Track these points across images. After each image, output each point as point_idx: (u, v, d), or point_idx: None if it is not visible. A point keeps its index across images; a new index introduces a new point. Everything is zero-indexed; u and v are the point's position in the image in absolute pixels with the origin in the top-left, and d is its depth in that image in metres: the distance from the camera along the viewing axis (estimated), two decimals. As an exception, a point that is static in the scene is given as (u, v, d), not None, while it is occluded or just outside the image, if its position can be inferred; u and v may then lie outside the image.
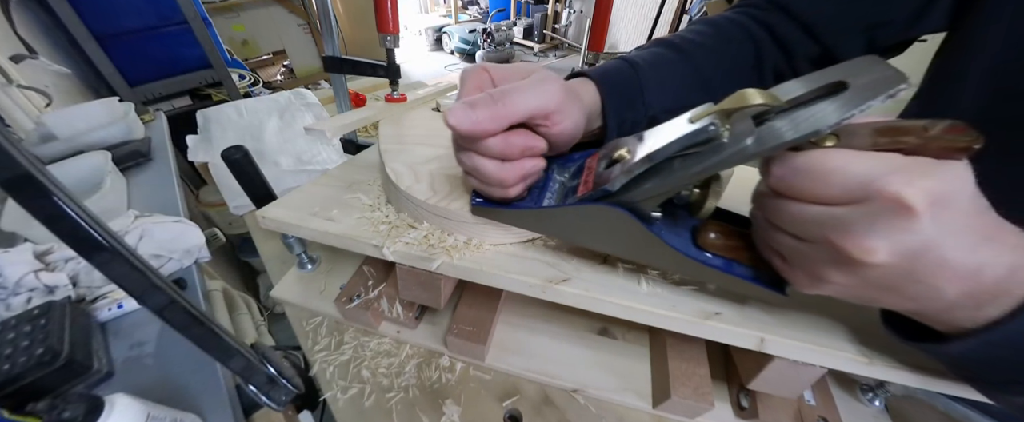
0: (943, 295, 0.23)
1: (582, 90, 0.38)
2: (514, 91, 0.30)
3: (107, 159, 0.81)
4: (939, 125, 0.21)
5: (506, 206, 0.35)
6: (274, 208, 0.45)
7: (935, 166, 0.21)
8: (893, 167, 0.22)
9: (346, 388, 0.47)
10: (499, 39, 4.24)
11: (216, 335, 0.30)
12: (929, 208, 0.21)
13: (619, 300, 0.35)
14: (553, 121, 0.31)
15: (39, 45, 1.23)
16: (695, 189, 0.31)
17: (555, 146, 0.34)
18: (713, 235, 0.33)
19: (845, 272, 0.24)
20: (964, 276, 0.22)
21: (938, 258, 0.22)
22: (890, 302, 0.26)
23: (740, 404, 0.44)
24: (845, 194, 0.23)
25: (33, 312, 0.48)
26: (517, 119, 0.30)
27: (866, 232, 0.22)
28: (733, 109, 0.25)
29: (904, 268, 0.22)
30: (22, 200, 0.19)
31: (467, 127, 0.29)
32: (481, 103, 0.29)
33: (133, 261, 0.24)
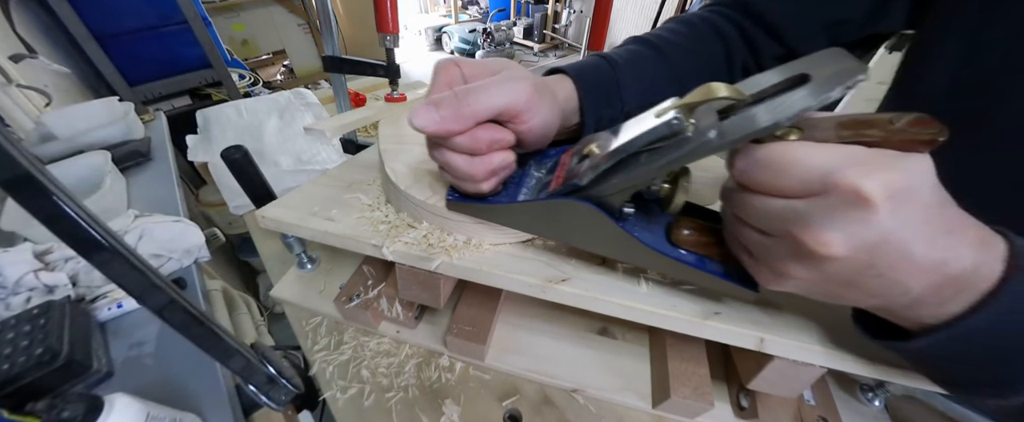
0: (907, 290, 0.23)
1: (558, 87, 0.38)
2: (479, 90, 0.29)
3: (107, 159, 0.81)
4: (905, 118, 0.21)
5: (481, 201, 0.36)
6: (274, 208, 0.45)
7: (895, 158, 0.21)
8: (852, 159, 0.21)
9: (346, 388, 0.47)
10: (499, 39, 4.24)
11: (216, 335, 0.31)
12: (887, 201, 0.20)
13: (619, 300, 0.35)
14: (522, 118, 0.31)
15: (39, 45, 1.23)
16: (665, 184, 0.31)
17: (527, 142, 0.34)
18: (686, 231, 0.33)
19: (805, 266, 0.24)
20: (927, 270, 0.22)
21: (898, 252, 0.22)
22: (854, 298, 0.25)
23: (740, 404, 0.44)
24: (804, 186, 0.23)
25: (33, 312, 0.48)
26: (482, 118, 0.30)
27: (824, 224, 0.22)
28: (698, 102, 0.25)
29: (864, 262, 0.22)
30: (22, 200, 0.19)
31: (432, 128, 0.29)
32: (446, 102, 0.29)
33: (133, 261, 0.24)
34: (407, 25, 4.87)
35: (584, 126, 0.40)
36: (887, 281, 0.23)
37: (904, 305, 0.24)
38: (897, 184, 0.20)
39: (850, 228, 0.21)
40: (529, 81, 0.31)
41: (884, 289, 0.23)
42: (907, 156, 0.21)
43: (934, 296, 0.23)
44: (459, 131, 0.30)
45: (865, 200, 0.20)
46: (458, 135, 0.30)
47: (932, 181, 0.22)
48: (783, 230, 0.24)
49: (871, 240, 0.21)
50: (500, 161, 0.32)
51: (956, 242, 0.22)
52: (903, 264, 0.22)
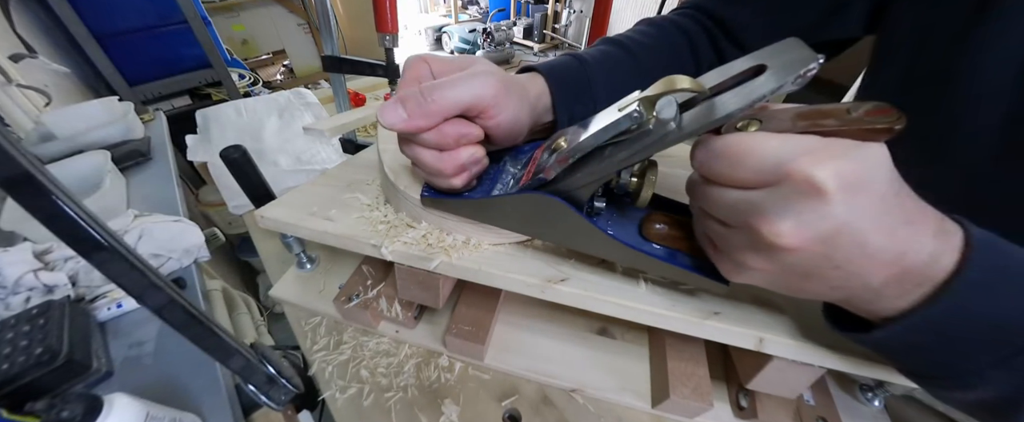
0: (867, 283, 0.23)
1: (529, 84, 0.38)
2: (444, 86, 0.30)
3: (106, 158, 0.81)
4: (862, 107, 0.21)
5: (454, 197, 0.36)
6: (273, 208, 0.45)
7: (850, 147, 0.21)
8: (806, 148, 0.21)
9: (345, 388, 0.47)
10: (499, 39, 4.24)
11: (215, 334, 0.31)
12: (840, 190, 0.20)
13: (618, 300, 0.35)
14: (490, 114, 0.32)
15: (38, 44, 1.23)
16: (633, 178, 0.31)
17: (497, 138, 0.34)
18: (658, 226, 0.33)
19: (764, 257, 0.24)
20: (887, 262, 0.22)
21: (856, 243, 0.21)
22: (815, 290, 0.25)
23: (739, 404, 0.44)
24: (759, 176, 0.22)
25: (32, 311, 0.48)
26: (448, 113, 0.30)
27: (778, 214, 0.22)
28: (661, 94, 0.25)
29: (821, 253, 0.22)
30: (21, 199, 0.19)
31: (400, 126, 0.29)
32: (411, 99, 0.29)
33: (132, 260, 0.24)
34: (407, 25, 4.87)
35: (557, 123, 0.41)
36: (846, 273, 0.23)
37: (866, 298, 0.24)
38: (850, 173, 0.20)
39: (804, 218, 0.21)
40: (496, 76, 0.32)
41: (844, 281, 0.23)
42: (862, 145, 0.21)
43: (895, 288, 0.23)
44: (426, 127, 0.30)
45: (817, 189, 0.20)
46: (426, 131, 0.30)
47: (889, 171, 0.21)
48: (741, 221, 0.24)
49: (826, 230, 0.21)
50: (469, 156, 0.32)
51: (915, 233, 0.22)
52: (861, 256, 0.22)
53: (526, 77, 0.40)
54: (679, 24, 0.48)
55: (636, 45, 0.46)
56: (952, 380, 0.24)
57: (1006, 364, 0.22)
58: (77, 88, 1.46)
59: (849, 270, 0.22)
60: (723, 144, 0.24)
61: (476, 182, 0.36)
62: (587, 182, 0.31)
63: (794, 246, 0.22)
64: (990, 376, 0.23)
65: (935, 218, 0.23)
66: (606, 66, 0.43)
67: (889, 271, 0.22)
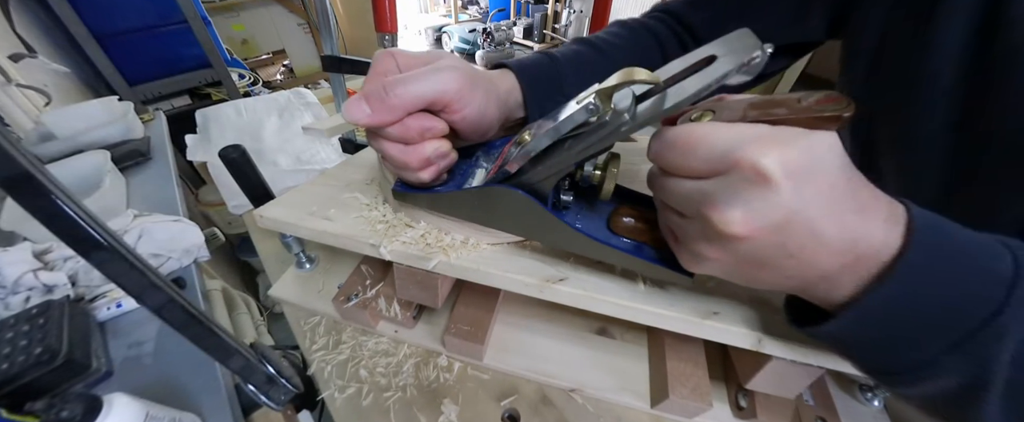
0: (823, 272, 0.23)
1: (500, 80, 0.39)
2: (407, 80, 0.30)
3: (106, 158, 0.81)
4: (813, 96, 0.21)
5: (424, 190, 0.36)
6: (272, 207, 0.45)
7: (797, 135, 0.21)
8: (754, 136, 0.21)
9: (344, 387, 0.47)
10: (499, 39, 4.24)
11: (215, 334, 0.31)
12: (788, 177, 0.20)
13: (617, 299, 0.35)
14: (453, 108, 0.32)
15: (38, 44, 1.23)
16: (596, 170, 0.32)
17: (465, 132, 0.35)
18: (625, 219, 0.33)
19: (717, 247, 0.24)
20: (840, 250, 0.22)
21: (807, 231, 0.21)
22: (771, 280, 0.25)
23: (738, 404, 0.44)
24: (710, 165, 0.23)
25: (32, 311, 0.48)
26: (411, 108, 0.31)
27: (728, 203, 0.22)
28: (618, 85, 0.26)
29: (774, 242, 0.22)
30: (21, 199, 0.19)
31: (364, 120, 0.30)
32: (374, 95, 0.30)
33: (132, 260, 0.24)
34: (407, 25, 4.87)
35: (529, 119, 0.41)
36: (801, 262, 0.22)
37: (822, 287, 0.24)
38: (797, 161, 0.20)
39: (753, 206, 0.21)
40: (460, 71, 0.32)
41: (799, 270, 0.23)
42: (811, 133, 0.21)
43: (849, 275, 0.23)
44: (389, 121, 0.30)
45: (764, 177, 0.20)
46: (389, 125, 0.31)
47: (839, 159, 0.21)
48: (695, 211, 0.24)
49: (776, 219, 0.21)
50: (433, 150, 0.33)
51: (866, 220, 0.22)
52: (815, 244, 0.22)
53: (497, 73, 0.40)
54: (649, 26, 0.50)
55: (607, 45, 0.47)
56: (910, 373, 0.24)
57: (959, 349, 0.21)
58: (77, 88, 1.46)
59: (803, 258, 0.22)
60: (675, 134, 0.24)
61: (447, 176, 0.37)
62: (548, 175, 0.31)
63: (745, 234, 0.22)
64: (945, 364, 0.22)
65: (886, 204, 0.22)
66: (577, 64, 0.44)
67: (843, 259, 0.22)
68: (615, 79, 0.26)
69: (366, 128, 0.32)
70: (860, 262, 0.22)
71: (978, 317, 0.21)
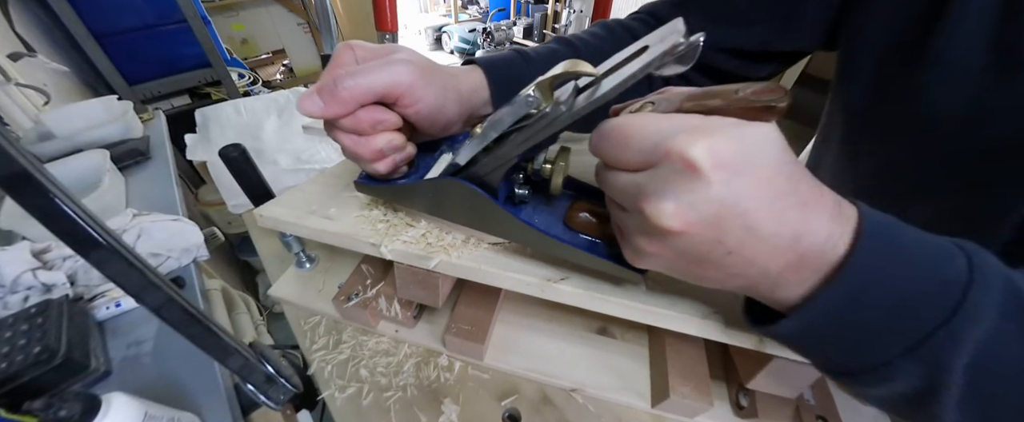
0: (765, 269, 0.22)
1: (464, 76, 0.39)
2: (358, 74, 0.30)
3: (105, 158, 0.81)
4: (751, 87, 0.21)
5: (383, 182, 0.37)
6: (272, 206, 0.45)
7: (730, 125, 0.20)
8: (684, 127, 0.21)
9: (344, 387, 0.47)
10: (499, 39, 4.24)
11: (214, 334, 0.30)
12: (717, 168, 0.19)
13: (617, 299, 0.35)
14: (406, 101, 0.32)
15: (38, 43, 1.23)
16: (546, 165, 0.32)
17: (421, 125, 0.35)
18: (581, 215, 0.33)
19: (655, 241, 0.23)
20: (781, 247, 0.21)
21: (744, 226, 0.20)
22: (716, 278, 0.24)
23: (739, 403, 0.44)
24: (643, 157, 0.22)
25: (30, 311, 0.48)
26: (361, 100, 0.31)
27: (660, 195, 0.21)
28: (558, 76, 0.26)
29: (710, 237, 0.21)
30: (20, 198, 0.19)
31: (316, 113, 0.30)
32: (325, 88, 0.30)
33: (131, 259, 0.24)
34: (407, 24, 4.87)
35: None
36: (741, 259, 0.22)
37: (768, 286, 0.23)
38: (726, 151, 0.20)
39: (684, 198, 0.20)
40: (413, 65, 0.32)
41: (742, 268, 0.22)
42: (745, 124, 0.20)
43: (794, 275, 0.22)
44: (341, 114, 0.31)
45: (692, 167, 0.19)
46: (341, 117, 0.31)
47: (777, 151, 0.20)
48: (632, 204, 0.23)
49: (708, 212, 0.20)
50: (386, 142, 0.33)
51: (809, 216, 0.21)
52: (753, 240, 0.21)
53: (463, 69, 0.40)
54: (630, 28, 0.49)
55: (584, 45, 0.46)
56: (865, 376, 0.23)
57: (913, 354, 0.21)
58: (76, 87, 1.46)
59: (743, 255, 0.21)
60: (611, 127, 0.24)
61: (408, 169, 0.37)
62: (494, 167, 0.31)
63: (678, 228, 0.21)
64: (900, 368, 0.21)
65: (832, 201, 0.22)
66: (549, 63, 0.44)
67: (785, 257, 0.21)
68: (556, 70, 0.26)
69: (321, 119, 0.32)
70: (805, 261, 0.21)
71: (931, 321, 0.20)
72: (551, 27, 4.57)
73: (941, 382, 0.21)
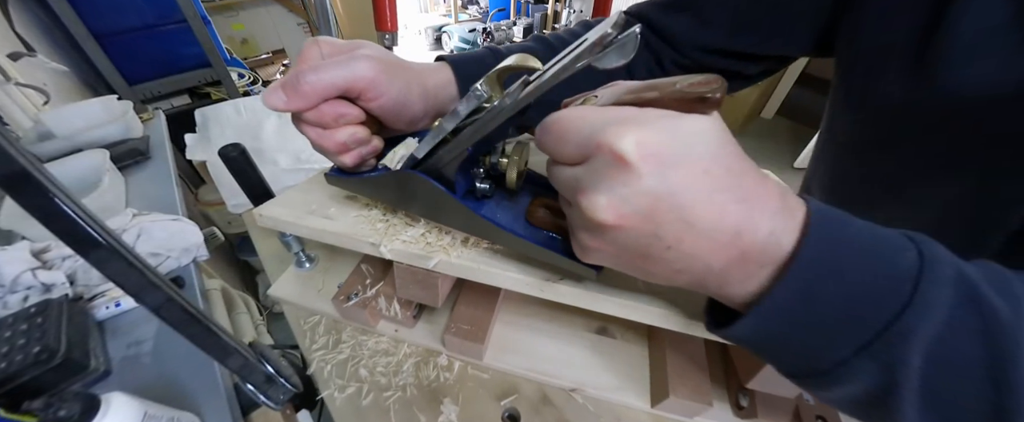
0: (707, 265, 0.21)
1: (432, 73, 0.39)
2: (318, 69, 0.31)
3: (105, 157, 0.81)
4: (689, 79, 0.21)
5: (349, 175, 0.38)
6: (271, 206, 0.45)
7: (661, 116, 0.20)
8: (616, 119, 0.20)
9: (344, 387, 0.47)
10: (499, 39, 4.23)
11: (214, 333, 0.30)
12: (647, 160, 0.19)
13: (617, 299, 0.35)
14: (368, 96, 0.33)
15: (37, 43, 1.22)
16: (503, 158, 0.33)
17: (387, 120, 0.36)
18: (541, 210, 0.33)
19: (595, 236, 0.23)
20: (722, 242, 0.20)
21: (679, 219, 0.20)
22: (663, 274, 0.24)
23: (739, 403, 0.44)
24: (579, 150, 0.22)
25: (30, 310, 0.48)
26: (323, 94, 0.32)
27: (594, 188, 0.21)
28: (506, 69, 0.26)
29: (646, 230, 0.21)
30: (19, 198, 0.19)
31: (280, 106, 0.31)
32: (289, 83, 0.31)
33: (131, 259, 0.24)
34: (407, 24, 4.87)
35: None
36: (682, 255, 0.21)
37: (715, 282, 0.23)
38: (657, 143, 0.19)
39: (616, 191, 0.20)
40: (376, 60, 0.33)
41: (685, 264, 0.22)
42: (681, 116, 0.20)
43: (739, 271, 0.21)
44: (303, 107, 0.32)
45: (622, 160, 0.19)
46: (304, 111, 0.32)
47: (715, 144, 0.20)
48: (572, 198, 0.23)
49: (641, 205, 0.20)
50: (348, 135, 0.34)
51: (750, 210, 0.20)
52: (692, 235, 0.20)
53: (432, 66, 0.41)
54: None
55: (562, 43, 0.46)
56: (821, 377, 0.22)
57: (866, 352, 0.20)
58: (76, 87, 1.46)
59: (683, 250, 0.21)
60: (551, 120, 0.24)
61: (376, 162, 0.38)
62: (449, 159, 0.32)
63: (612, 221, 0.21)
64: (854, 367, 0.21)
65: (777, 195, 0.21)
66: None
67: (728, 252, 0.21)
68: (504, 64, 0.26)
69: (284, 112, 0.33)
70: (749, 257, 0.21)
71: (882, 317, 0.20)
72: (551, 27, 4.57)
73: (896, 381, 0.20)
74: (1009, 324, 0.19)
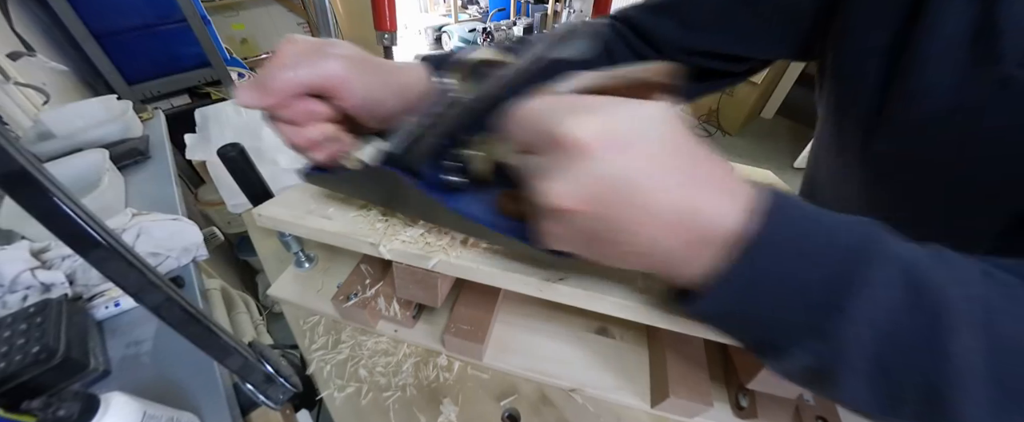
0: (661, 248, 0.22)
1: (406, 71, 0.39)
2: (287, 67, 0.32)
3: (105, 157, 0.81)
4: (640, 66, 0.21)
5: (323, 172, 0.38)
6: (271, 206, 0.45)
7: (610, 102, 0.21)
8: (567, 105, 0.21)
9: (343, 387, 0.47)
10: (499, 39, 4.24)
11: (213, 333, 0.30)
12: (596, 145, 0.20)
13: (617, 298, 0.35)
14: (338, 94, 0.33)
15: (37, 43, 1.22)
16: (474, 151, 0.33)
17: (361, 118, 0.36)
18: (510, 200, 0.33)
19: (549, 219, 0.24)
20: (673, 224, 0.21)
21: (632, 203, 0.20)
22: (622, 258, 0.24)
23: (739, 404, 0.44)
24: (534, 137, 0.23)
25: (29, 310, 0.48)
26: (291, 92, 0.32)
27: (549, 173, 0.22)
28: (470, 62, 0.27)
29: (600, 214, 0.21)
30: (19, 197, 0.19)
31: (251, 103, 0.32)
32: (259, 81, 0.32)
33: (130, 259, 0.24)
34: (407, 24, 4.87)
35: None
36: (638, 237, 0.22)
37: (673, 265, 0.23)
38: (605, 127, 0.20)
39: (570, 175, 0.21)
40: (346, 59, 0.33)
41: (643, 247, 0.22)
42: (631, 102, 0.21)
43: (693, 253, 0.22)
44: (272, 105, 0.32)
45: (572, 145, 0.20)
46: (274, 109, 0.33)
47: (664, 130, 0.21)
48: (532, 185, 0.24)
49: (592, 189, 0.20)
50: (319, 133, 0.34)
51: (701, 193, 0.21)
52: (645, 218, 0.21)
53: (410, 64, 0.41)
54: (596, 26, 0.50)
55: None
56: (776, 351, 0.23)
57: (815, 332, 0.21)
58: (75, 86, 1.46)
59: (638, 232, 0.22)
60: (513, 109, 0.24)
61: None
62: (420, 153, 0.32)
63: (565, 206, 0.21)
64: (806, 346, 0.22)
65: (727, 179, 0.22)
66: None
67: (681, 235, 0.21)
68: (473, 56, 0.27)
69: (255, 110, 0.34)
70: (701, 239, 0.21)
71: (825, 296, 0.20)
72: (551, 27, 4.57)
73: (841, 357, 0.21)
74: (952, 304, 0.20)
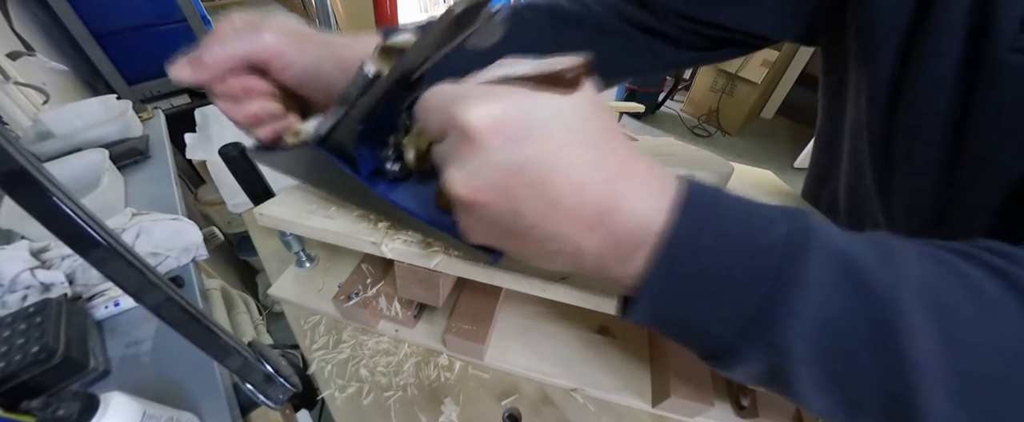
0: (580, 246, 0.21)
1: (354, 44, 0.37)
2: (222, 42, 0.31)
3: (104, 157, 0.81)
4: (556, 57, 0.21)
5: (265, 150, 0.39)
6: (272, 205, 0.45)
7: (514, 92, 0.20)
8: (469, 94, 0.20)
9: (344, 387, 0.47)
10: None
11: (213, 333, 0.30)
12: (494, 134, 0.19)
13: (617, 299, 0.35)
14: (275, 67, 0.33)
15: (37, 42, 1.22)
16: (405, 138, 0.33)
17: (302, 91, 0.36)
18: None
19: (463, 213, 0.23)
20: (586, 220, 0.20)
21: (537, 196, 0.19)
22: (539, 255, 0.23)
23: (740, 403, 0.44)
24: (439, 126, 0.22)
25: (29, 310, 0.48)
26: (225, 66, 0.32)
27: (450, 163, 0.21)
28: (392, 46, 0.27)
29: (504, 207, 0.20)
30: (18, 197, 0.19)
31: (185, 78, 0.32)
32: (193, 56, 0.32)
33: (130, 258, 0.24)
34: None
35: None
36: (548, 234, 0.21)
37: (594, 266, 0.22)
38: (505, 117, 0.19)
39: (466, 165, 0.20)
40: (282, 33, 0.33)
41: (555, 244, 0.21)
42: (533, 93, 0.20)
43: (614, 253, 0.21)
44: (206, 80, 0.32)
45: (470, 133, 0.19)
46: (209, 84, 0.32)
47: (575, 122, 0.20)
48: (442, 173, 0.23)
49: (491, 179, 0.19)
50: (259, 108, 0.34)
51: (615, 189, 0.20)
52: (553, 213, 0.20)
53: (360, 39, 0.39)
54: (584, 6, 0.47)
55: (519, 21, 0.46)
56: (719, 358, 0.22)
57: (748, 333, 0.20)
58: (75, 86, 1.46)
59: (549, 230, 0.20)
60: (423, 96, 0.23)
61: None
62: (345, 136, 0.32)
63: (468, 196, 0.20)
64: (744, 349, 0.20)
65: (647, 175, 0.21)
66: None
67: (597, 233, 0.20)
68: (391, 40, 0.27)
69: (192, 86, 0.34)
70: (621, 239, 0.20)
71: (754, 297, 0.19)
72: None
73: (784, 361, 0.19)
74: (890, 295, 0.18)
